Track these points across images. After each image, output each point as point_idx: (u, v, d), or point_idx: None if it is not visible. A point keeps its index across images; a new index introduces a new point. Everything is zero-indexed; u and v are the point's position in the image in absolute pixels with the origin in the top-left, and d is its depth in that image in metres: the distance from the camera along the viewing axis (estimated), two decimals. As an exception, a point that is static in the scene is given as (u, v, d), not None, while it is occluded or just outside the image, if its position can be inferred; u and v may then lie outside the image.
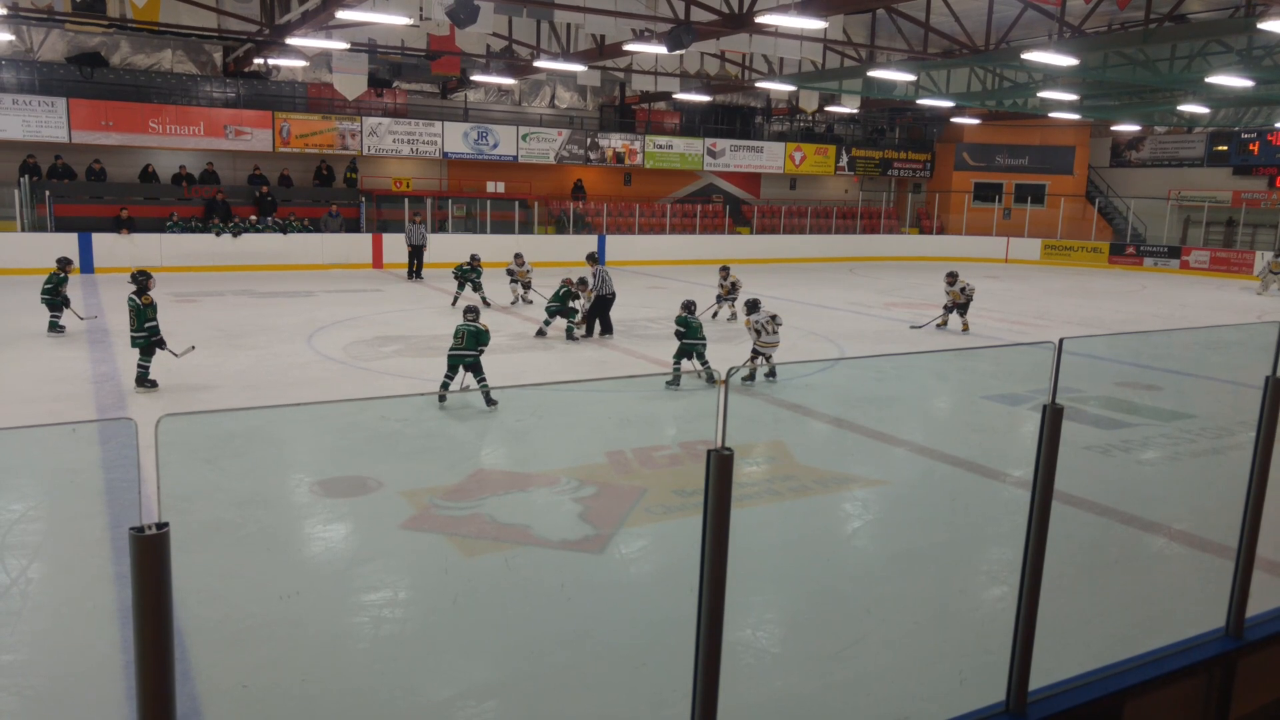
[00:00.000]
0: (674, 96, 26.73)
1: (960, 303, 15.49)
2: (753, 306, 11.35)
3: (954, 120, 32.15)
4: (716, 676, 2.53)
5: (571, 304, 13.85)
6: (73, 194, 21.82)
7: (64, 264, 13.19)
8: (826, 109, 28.18)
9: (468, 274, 17.00)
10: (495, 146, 26.17)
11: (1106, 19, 17.13)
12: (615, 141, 28.21)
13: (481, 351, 9.59)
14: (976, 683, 3.19)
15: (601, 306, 14.27)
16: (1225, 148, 30.64)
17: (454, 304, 16.74)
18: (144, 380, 9.99)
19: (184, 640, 4.28)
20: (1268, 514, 3.62)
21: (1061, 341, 3.16)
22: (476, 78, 23.65)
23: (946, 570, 5.96)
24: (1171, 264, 29.69)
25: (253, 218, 22.83)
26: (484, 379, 9.56)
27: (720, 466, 2.47)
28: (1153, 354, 13.46)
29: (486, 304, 16.41)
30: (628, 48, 17.33)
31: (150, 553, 1.90)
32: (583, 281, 14.01)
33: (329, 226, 23.45)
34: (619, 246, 26.66)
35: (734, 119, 31.33)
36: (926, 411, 11.32)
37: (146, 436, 1.98)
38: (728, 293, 16.19)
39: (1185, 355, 11.11)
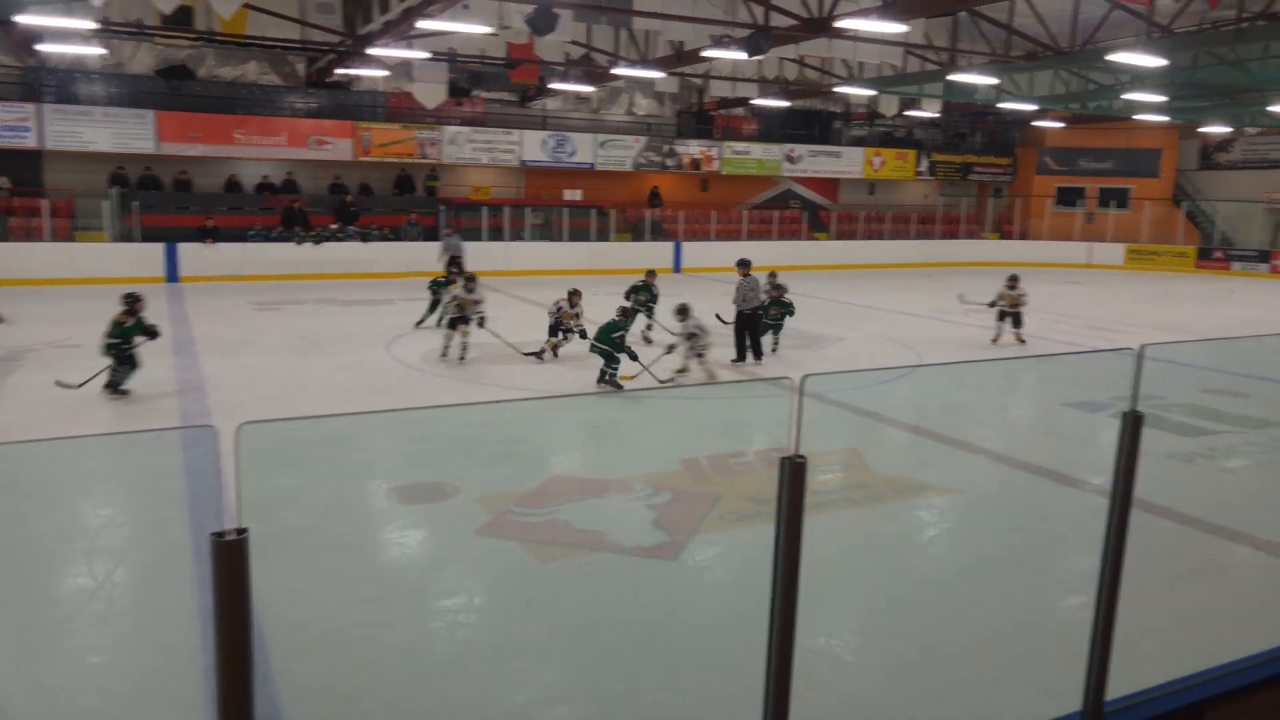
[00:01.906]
0: (752, 102, 26.67)
1: (1011, 311, 14.69)
2: (684, 312, 11.38)
3: (1036, 124, 31.42)
4: (789, 683, 2.59)
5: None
6: (160, 204, 22.49)
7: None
8: (906, 113, 27.80)
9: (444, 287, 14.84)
10: (573, 154, 26.48)
11: (1197, 18, 16.58)
12: (692, 148, 28.28)
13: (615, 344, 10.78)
14: (1053, 692, 3.18)
15: (747, 325, 12.86)
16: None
17: (419, 324, 15.08)
18: (114, 386, 9.94)
19: (265, 644, 4.45)
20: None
21: (1143, 348, 3.13)
22: (555, 85, 23.96)
23: (1023, 579, 5.89)
24: (1261, 268, 28.68)
25: (333, 226, 23.37)
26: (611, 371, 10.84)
27: (794, 474, 2.52)
28: (1240, 360, 13.00)
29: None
30: (706, 54, 17.40)
31: (230, 557, 1.96)
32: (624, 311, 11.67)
33: (408, 235, 23.97)
34: (695, 253, 26.71)
35: (812, 124, 31.10)
36: (1004, 419, 11.13)
37: (229, 443, 2.03)
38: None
39: (1274, 361, 10.70)
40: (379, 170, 25.70)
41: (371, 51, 17.66)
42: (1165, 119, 27.36)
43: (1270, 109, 22.99)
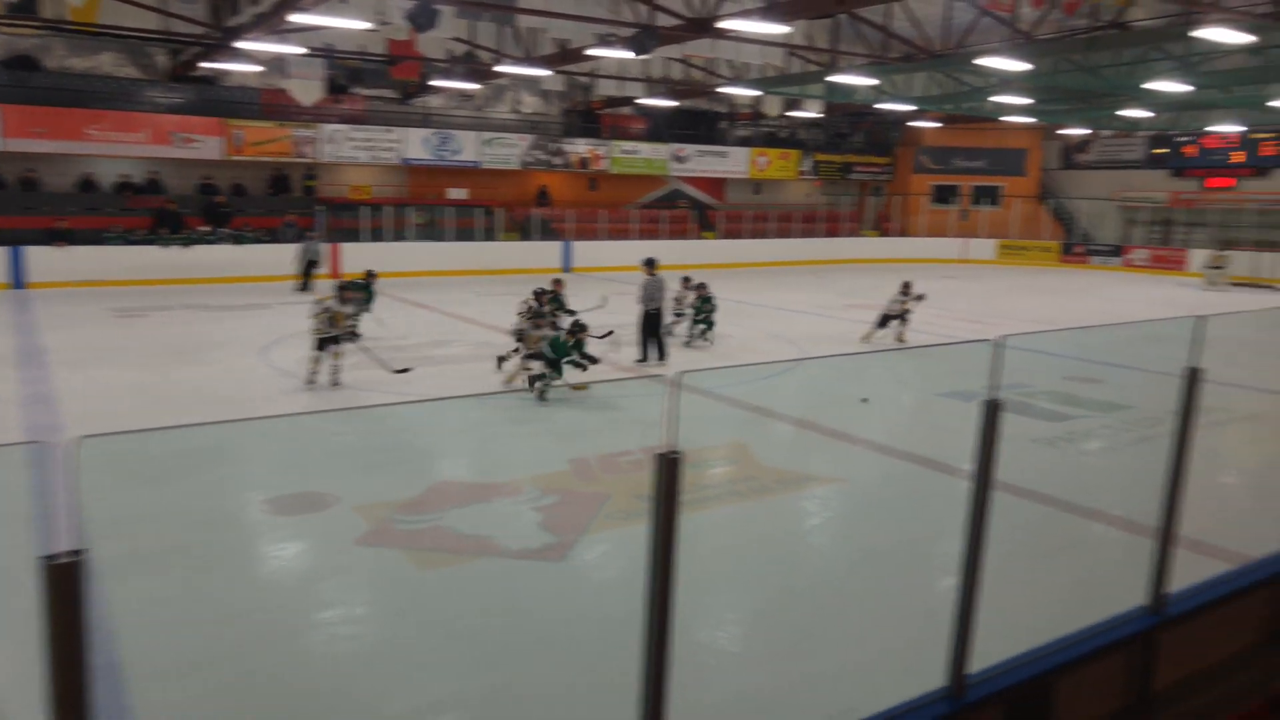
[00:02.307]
0: (639, 101, 26.79)
1: (901, 313, 15.09)
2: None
3: (913, 124, 32.56)
4: (664, 677, 2.55)
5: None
6: (2, 204, 20.95)
7: None
8: (789, 114, 28.41)
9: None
10: (457, 152, 26.03)
11: (1056, 26, 17.44)
12: (580, 147, 28.20)
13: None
14: (923, 671, 3.25)
15: (651, 324, 12.92)
16: (1164, 150, 31.51)
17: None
18: None
19: (121, 675, 4.20)
20: (1189, 495, 3.74)
21: (999, 340, 3.23)
22: (437, 83, 23.51)
23: (903, 564, 6.05)
24: (1115, 262, 30.61)
25: (204, 228, 22.24)
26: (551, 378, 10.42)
27: (668, 470, 2.48)
28: (1096, 348, 13.77)
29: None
30: (591, 52, 17.36)
31: (63, 581, 1.80)
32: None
33: (285, 237, 22.93)
34: (585, 252, 26.64)
35: (699, 124, 31.45)
36: (885, 410, 11.46)
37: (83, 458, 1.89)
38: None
39: (1125, 349, 11.39)
40: (253, 170, 24.69)
41: (241, 45, 16.91)
42: (1031, 120, 28.79)
43: (1121, 113, 24.48)
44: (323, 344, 10.90)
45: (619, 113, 30.08)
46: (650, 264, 13.25)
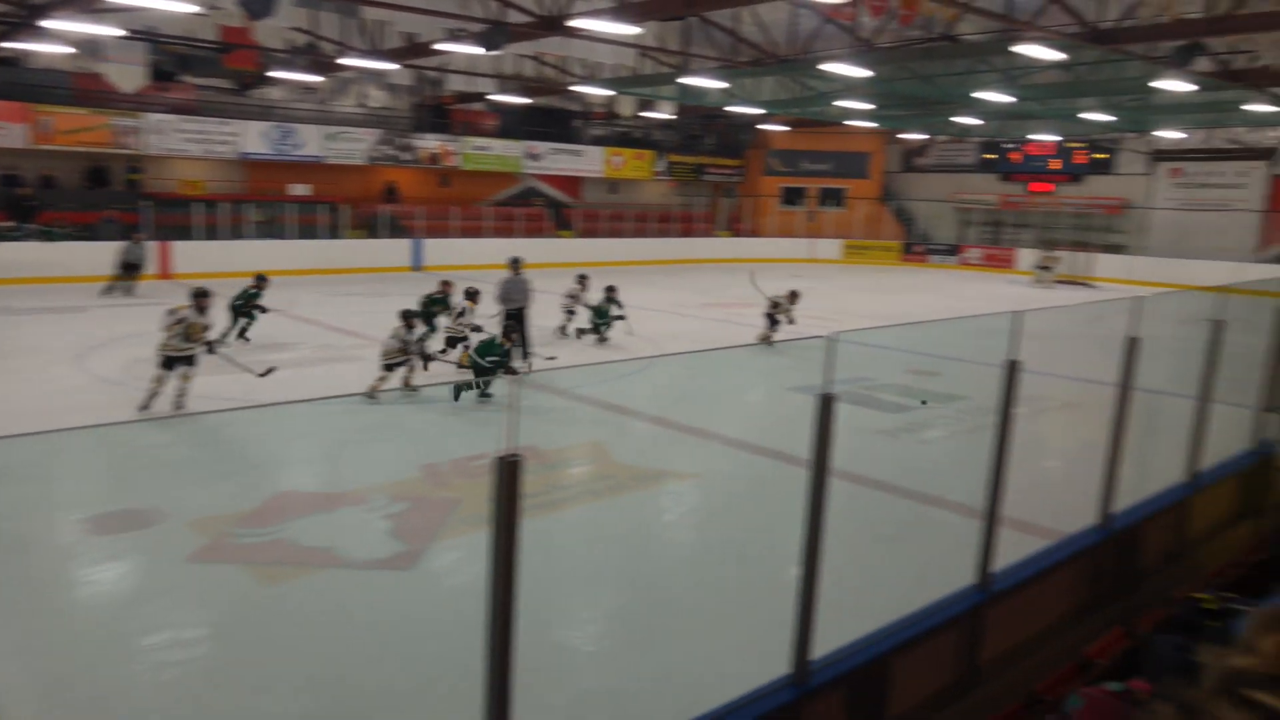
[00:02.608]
0: (490, 98, 26.42)
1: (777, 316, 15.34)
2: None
3: (762, 127, 33.46)
4: (506, 684, 2.48)
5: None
6: None
7: None
8: (643, 114, 28.67)
9: (251, 298, 13.67)
10: (299, 147, 24.90)
11: (894, 36, 18.28)
12: (430, 143, 27.54)
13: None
14: (771, 658, 3.31)
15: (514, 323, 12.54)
16: (993, 156, 33.61)
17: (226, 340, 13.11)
18: None
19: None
20: (1015, 479, 3.97)
21: (831, 336, 3.32)
22: (277, 74, 22.40)
23: (753, 556, 6.17)
24: (951, 260, 32.41)
25: (7, 224, 20.21)
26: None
27: (507, 474, 2.41)
28: (935, 342, 14.53)
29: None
30: (439, 47, 16.97)
31: None
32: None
33: (104, 234, 20.98)
34: (437, 250, 26.04)
35: (553, 122, 31.27)
36: (738, 405, 11.71)
37: None
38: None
39: (961, 342, 12.05)
40: (65, 160, 22.66)
41: (48, 24, 15.49)
42: (873, 125, 30.10)
43: (954, 120, 25.92)
44: (171, 363, 9.38)
45: (471, 109, 29.58)
46: (515, 263, 13.11)
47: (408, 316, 10.87)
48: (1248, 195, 28.07)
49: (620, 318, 14.54)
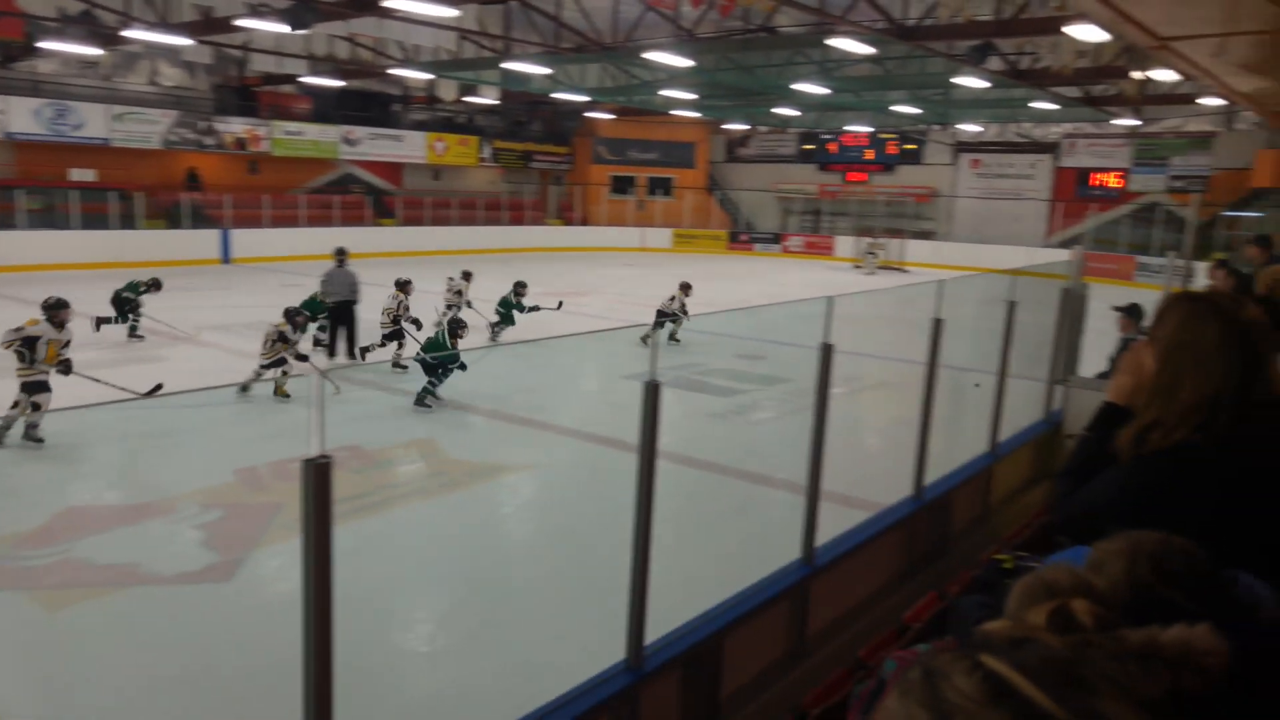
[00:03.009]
0: (302, 80, 25.11)
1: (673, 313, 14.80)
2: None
3: (589, 115, 33.48)
4: (328, 696, 2.34)
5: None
6: None
7: None
8: (466, 99, 28.06)
9: (137, 293, 13.20)
10: (80, 127, 22.61)
11: (715, 26, 18.68)
12: (236, 126, 25.90)
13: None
14: (609, 646, 3.30)
15: (339, 318, 12.33)
16: (811, 146, 35.04)
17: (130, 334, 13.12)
18: None
19: None
20: (837, 455, 4.13)
21: (658, 319, 3.32)
22: (47, 45, 20.08)
23: (590, 544, 6.17)
24: (775, 248, 33.56)
25: None
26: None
27: (317, 478, 2.26)
28: (761, 327, 15.02)
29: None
30: (240, 23, 15.95)
31: None
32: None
33: None
34: (247, 242, 24.63)
35: (371, 106, 30.12)
36: (573, 394, 11.70)
37: None
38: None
39: (785, 327, 12.51)
40: None
41: None
42: (697, 115, 30.69)
43: (775, 110, 26.82)
44: (33, 388, 7.99)
45: (280, 91, 28.03)
46: (340, 254, 12.64)
47: (292, 315, 10.12)
48: (1037, 185, 30.55)
49: (535, 308, 14.08)
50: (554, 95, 25.31)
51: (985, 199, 31.40)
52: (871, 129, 32.21)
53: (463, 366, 10.08)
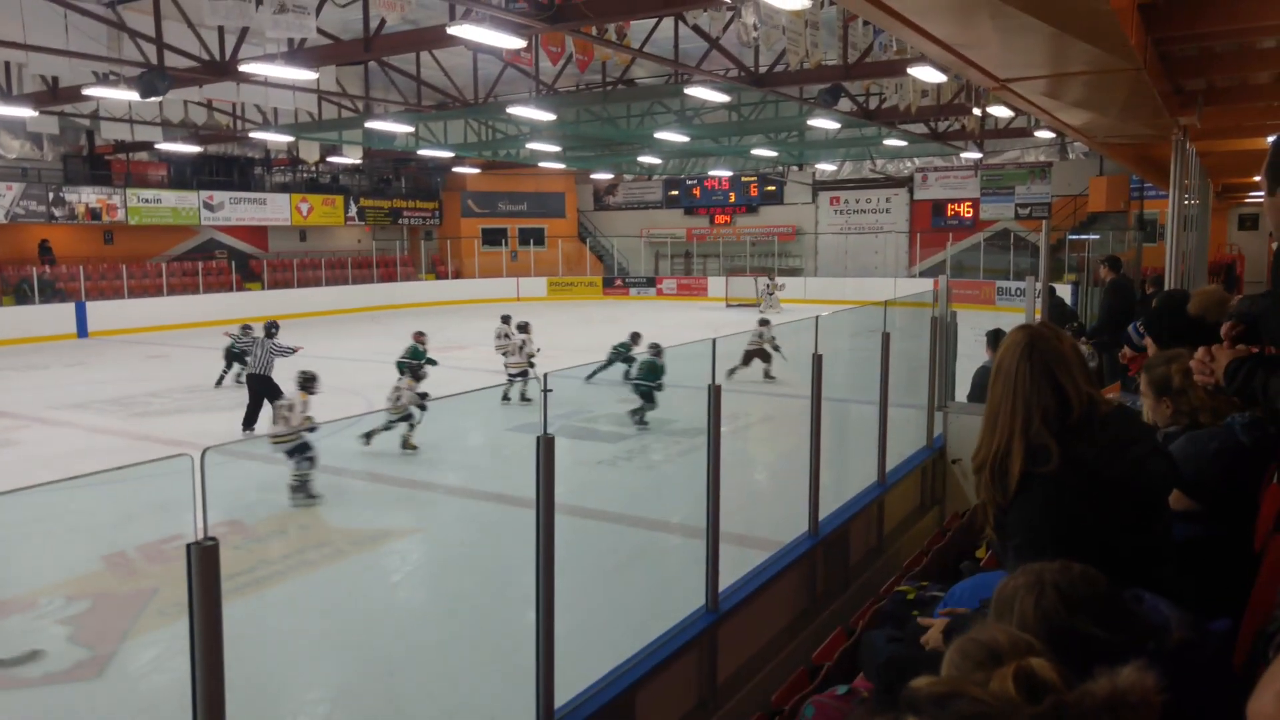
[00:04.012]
0: (157, 146, 24.14)
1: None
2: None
3: (456, 169, 33.39)
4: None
5: None
6: None
7: None
8: (329, 159, 27.56)
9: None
10: (-85, 205, 21.37)
11: (574, 80, 18.98)
12: (88, 196, 24.67)
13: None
14: (517, 713, 3.21)
15: (260, 389, 11.86)
16: (676, 192, 35.95)
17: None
18: None
19: None
20: (731, 496, 4.18)
21: (546, 376, 3.31)
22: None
23: (488, 605, 6.03)
24: (650, 292, 34.09)
25: None
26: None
27: (203, 562, 2.14)
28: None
29: None
30: (89, 92, 15.24)
31: None
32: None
33: None
34: (105, 314, 23.35)
35: (231, 170, 29.22)
36: (457, 452, 11.48)
37: None
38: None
39: (667, 368, 12.58)
40: None
41: None
42: (563, 166, 31.00)
43: (640, 159, 27.39)
44: None
45: (135, 158, 26.91)
46: (252, 329, 12.84)
47: (415, 370, 10.95)
48: (895, 218, 32.07)
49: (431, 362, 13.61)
50: (419, 152, 25.14)
51: (846, 234, 32.75)
52: (732, 172, 33.23)
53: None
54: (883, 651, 2.42)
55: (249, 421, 11.67)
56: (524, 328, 14.76)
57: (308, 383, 9.55)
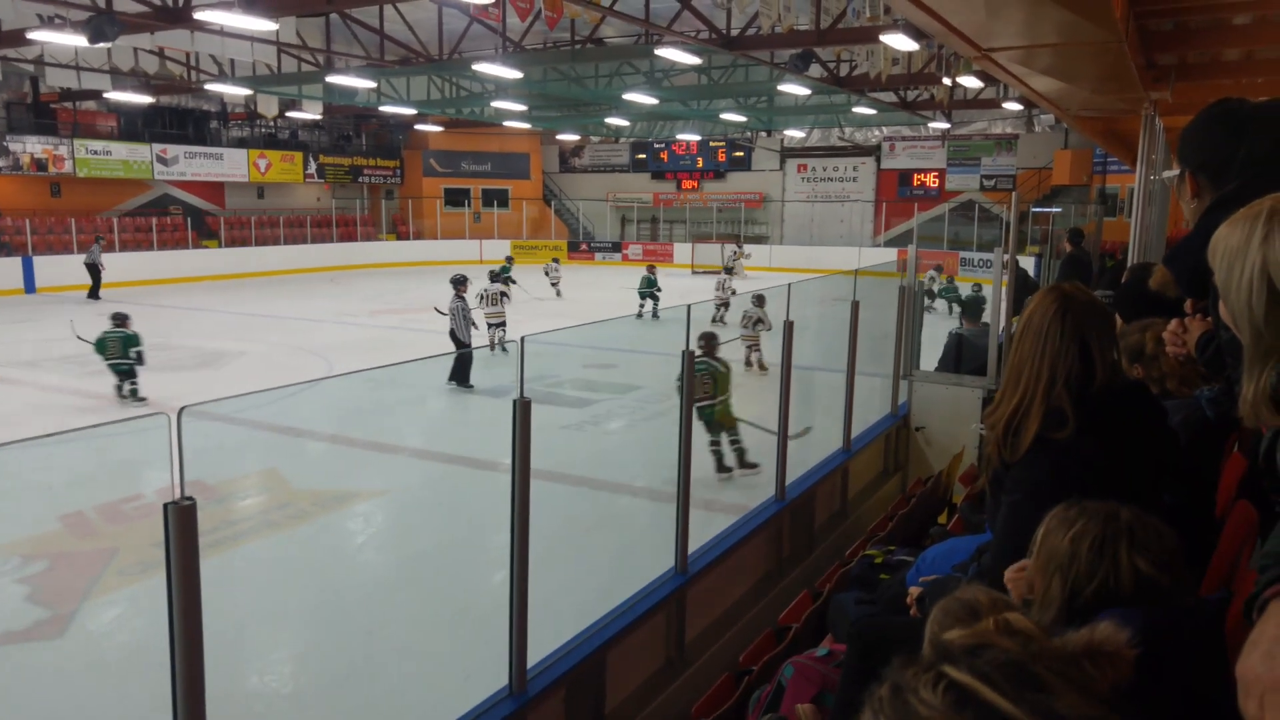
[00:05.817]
0: (106, 96, 23.42)
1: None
2: None
3: (419, 128, 32.79)
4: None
5: None
6: None
7: None
8: (288, 114, 26.94)
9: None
10: None
11: (542, 37, 18.69)
12: (33, 146, 23.92)
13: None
14: (486, 672, 3.24)
15: None
16: (644, 156, 35.63)
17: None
18: None
19: None
20: (700, 460, 4.22)
21: (523, 339, 3.32)
22: None
23: (455, 567, 6.05)
24: (615, 257, 33.84)
25: None
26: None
27: (182, 520, 2.12)
28: (609, 336, 15.12)
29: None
30: (33, 36, 14.71)
31: None
32: None
33: None
34: (52, 269, 22.76)
35: (185, 123, 28.45)
36: (421, 414, 11.41)
37: None
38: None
39: (632, 335, 12.59)
40: None
41: None
42: (529, 126, 30.58)
43: (608, 120, 27.07)
44: None
45: (83, 107, 26.09)
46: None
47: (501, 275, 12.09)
48: (861, 187, 32.16)
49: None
50: (381, 109, 24.67)
51: (813, 201, 32.80)
52: (700, 137, 33.06)
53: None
54: (853, 613, 2.47)
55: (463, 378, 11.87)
56: (496, 276, 14.76)
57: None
